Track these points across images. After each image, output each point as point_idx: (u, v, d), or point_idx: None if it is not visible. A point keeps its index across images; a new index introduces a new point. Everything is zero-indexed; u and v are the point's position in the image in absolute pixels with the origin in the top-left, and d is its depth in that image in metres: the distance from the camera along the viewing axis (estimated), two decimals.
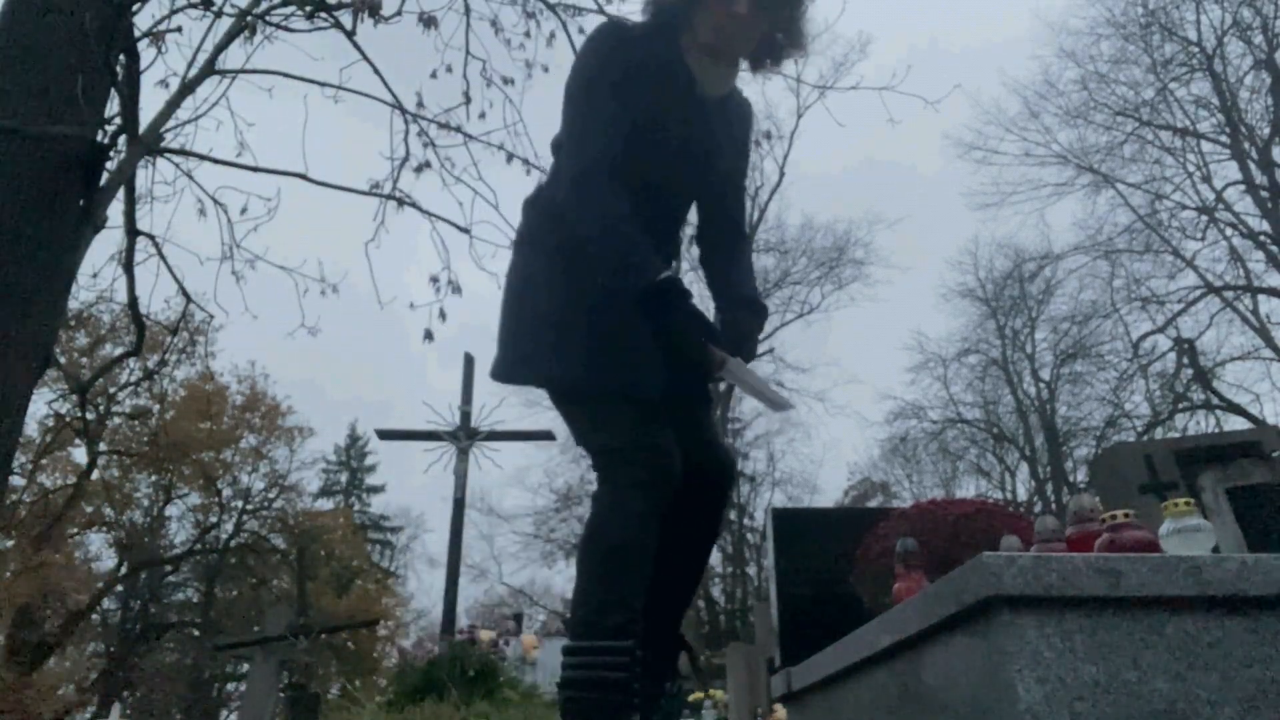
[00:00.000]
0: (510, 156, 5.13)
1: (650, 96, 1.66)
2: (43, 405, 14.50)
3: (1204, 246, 17.26)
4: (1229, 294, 16.78)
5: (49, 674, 17.02)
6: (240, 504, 22.37)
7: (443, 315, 4.84)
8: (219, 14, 3.97)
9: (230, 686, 23.85)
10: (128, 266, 4.19)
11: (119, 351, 15.04)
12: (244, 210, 4.67)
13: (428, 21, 4.62)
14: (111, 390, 16.29)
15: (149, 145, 3.77)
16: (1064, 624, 1.09)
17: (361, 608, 21.30)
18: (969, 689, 1.20)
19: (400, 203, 4.80)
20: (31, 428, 15.22)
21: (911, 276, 37.04)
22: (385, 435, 10.88)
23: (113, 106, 3.61)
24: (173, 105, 3.87)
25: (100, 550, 21.00)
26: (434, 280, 4.87)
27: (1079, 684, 1.06)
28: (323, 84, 4.35)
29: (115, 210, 3.77)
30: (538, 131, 5.31)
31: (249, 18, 3.97)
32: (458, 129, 4.98)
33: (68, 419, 14.68)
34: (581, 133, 1.67)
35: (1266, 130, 16.82)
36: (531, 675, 8.83)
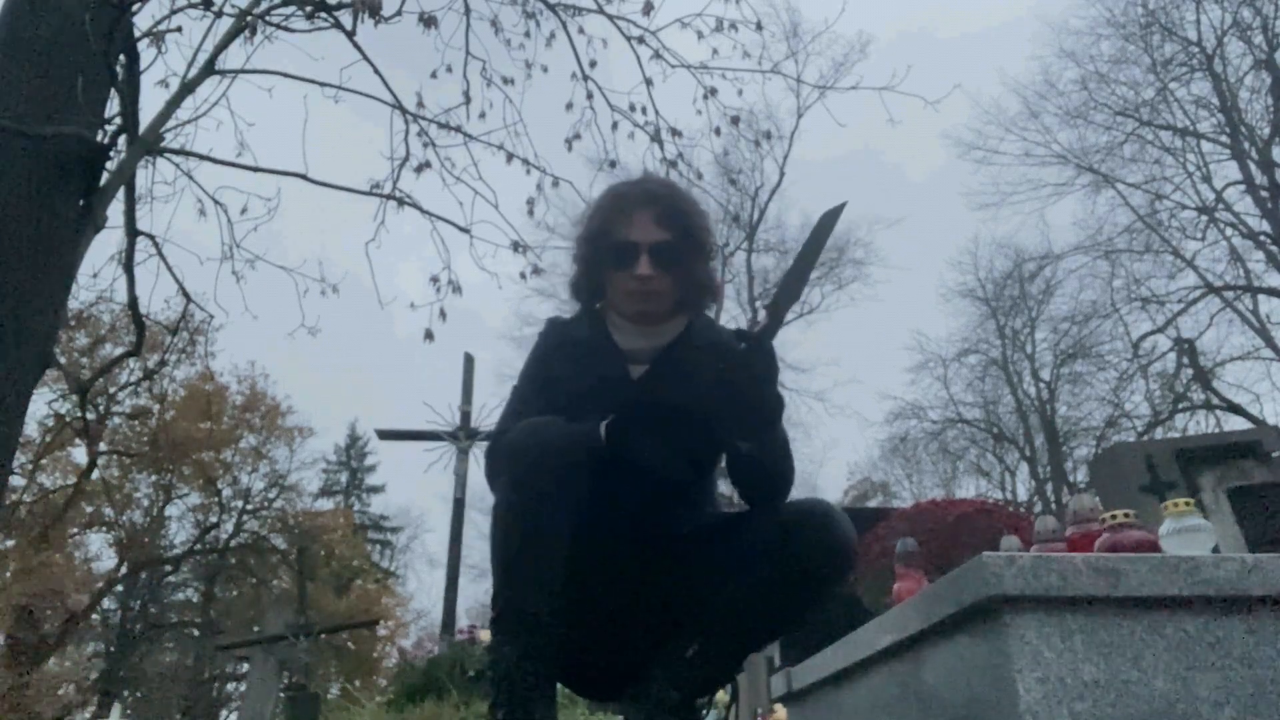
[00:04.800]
0: (510, 156, 5.15)
1: (573, 371, 1.77)
2: (43, 405, 14.51)
3: (1204, 246, 17.26)
4: (1229, 294, 16.78)
5: (49, 674, 17.03)
6: (240, 504, 22.39)
7: (443, 315, 4.85)
8: (219, 14, 3.97)
9: (230, 686, 23.83)
10: (128, 266, 4.19)
11: (119, 351, 15.03)
12: (244, 210, 4.68)
13: (428, 21, 4.62)
14: (111, 390, 16.31)
15: (149, 145, 3.77)
16: (1064, 624, 1.09)
17: (361, 608, 21.29)
18: (969, 689, 1.20)
19: (400, 203, 4.80)
20: (31, 428, 15.23)
21: (911, 276, 37.02)
22: (385, 435, 10.88)
23: (113, 106, 3.61)
24: (173, 105, 3.87)
25: (100, 550, 21.02)
26: (434, 280, 4.88)
27: (1079, 684, 1.06)
28: (323, 84, 4.36)
29: (115, 210, 3.78)
30: (538, 131, 5.33)
31: (249, 18, 3.97)
32: (458, 129, 4.99)
33: (68, 419, 14.69)
34: (504, 413, 1.83)
35: (1266, 130, 16.82)
36: None
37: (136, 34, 3.61)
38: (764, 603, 1.57)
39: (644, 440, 1.59)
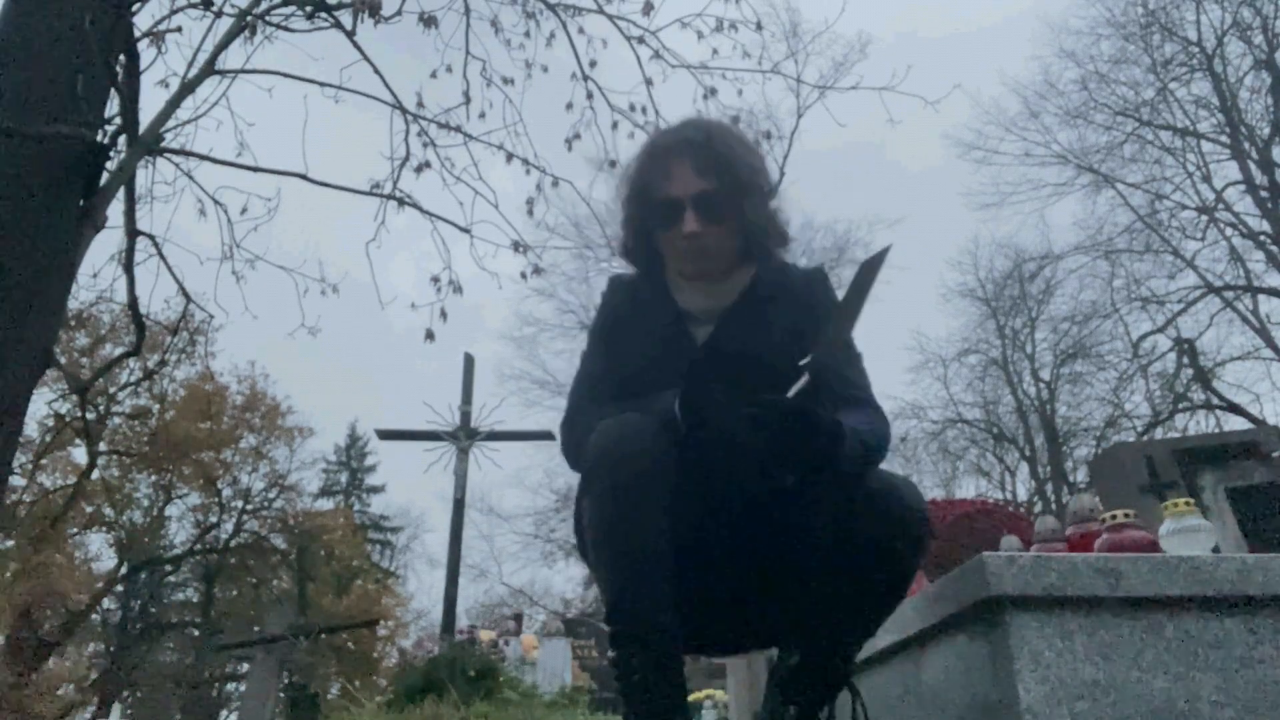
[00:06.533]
0: (510, 156, 5.14)
1: (636, 337, 1.69)
2: (43, 405, 14.50)
3: (1204, 246, 17.24)
4: (1229, 294, 16.77)
5: (49, 674, 17.03)
6: (240, 504, 22.38)
7: (444, 315, 4.85)
8: (219, 14, 3.96)
9: (230, 686, 23.84)
10: (128, 266, 4.18)
11: (119, 351, 15.04)
12: (244, 210, 4.67)
13: (428, 21, 4.62)
14: (111, 390, 16.32)
15: (149, 145, 3.77)
16: (1064, 624, 1.09)
17: (361, 608, 21.28)
18: (969, 689, 1.20)
19: (400, 203, 4.80)
20: (31, 428, 15.24)
21: (911, 276, 36.95)
22: (385, 435, 10.89)
23: (113, 106, 3.61)
24: (173, 105, 3.86)
25: (100, 550, 21.05)
26: (435, 280, 4.88)
27: (1079, 684, 1.06)
28: (323, 84, 4.36)
29: (115, 210, 3.77)
30: (538, 131, 5.33)
31: (249, 18, 3.97)
32: (458, 129, 4.99)
33: (68, 419, 14.69)
34: (575, 381, 1.76)
35: (1266, 130, 16.81)
36: (531, 675, 8.83)
37: (136, 34, 3.61)
38: (845, 585, 1.46)
39: (718, 407, 1.48)
